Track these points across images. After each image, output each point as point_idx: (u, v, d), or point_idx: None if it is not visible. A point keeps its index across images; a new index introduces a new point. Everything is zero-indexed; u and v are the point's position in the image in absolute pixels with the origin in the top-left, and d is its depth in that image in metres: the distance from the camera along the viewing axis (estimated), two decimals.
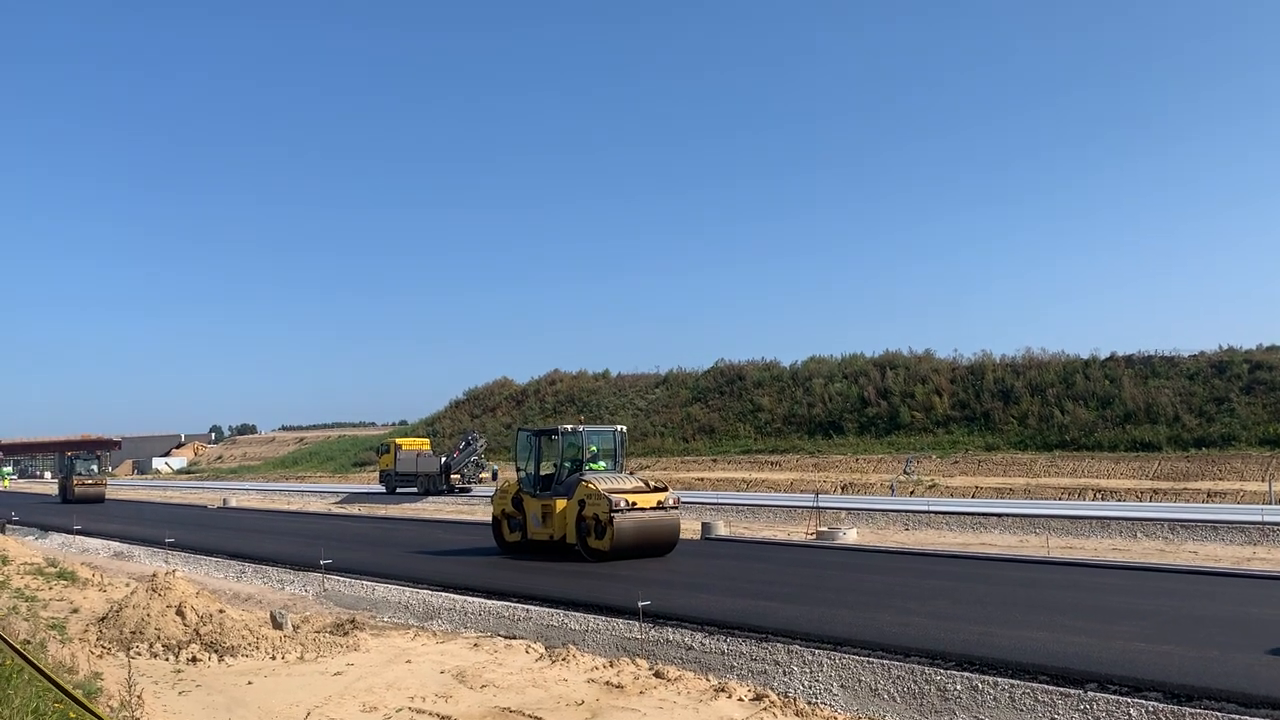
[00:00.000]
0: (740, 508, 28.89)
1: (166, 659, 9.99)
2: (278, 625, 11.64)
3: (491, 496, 20.39)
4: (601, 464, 18.45)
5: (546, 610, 12.77)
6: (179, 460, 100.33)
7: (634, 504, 16.84)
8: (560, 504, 17.59)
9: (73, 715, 6.34)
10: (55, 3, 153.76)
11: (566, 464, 18.35)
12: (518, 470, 19.19)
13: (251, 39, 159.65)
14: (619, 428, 19.44)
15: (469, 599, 13.92)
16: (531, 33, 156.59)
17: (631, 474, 18.80)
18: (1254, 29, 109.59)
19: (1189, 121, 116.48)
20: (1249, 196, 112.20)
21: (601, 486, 16.96)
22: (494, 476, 20.69)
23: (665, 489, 17.84)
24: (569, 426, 18.61)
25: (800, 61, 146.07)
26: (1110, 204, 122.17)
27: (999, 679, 8.24)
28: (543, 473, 18.61)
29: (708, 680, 9.00)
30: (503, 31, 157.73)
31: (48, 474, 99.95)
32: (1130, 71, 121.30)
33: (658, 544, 17.37)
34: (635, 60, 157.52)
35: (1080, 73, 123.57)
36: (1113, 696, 7.58)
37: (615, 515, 16.48)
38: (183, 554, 21.65)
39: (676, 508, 17.77)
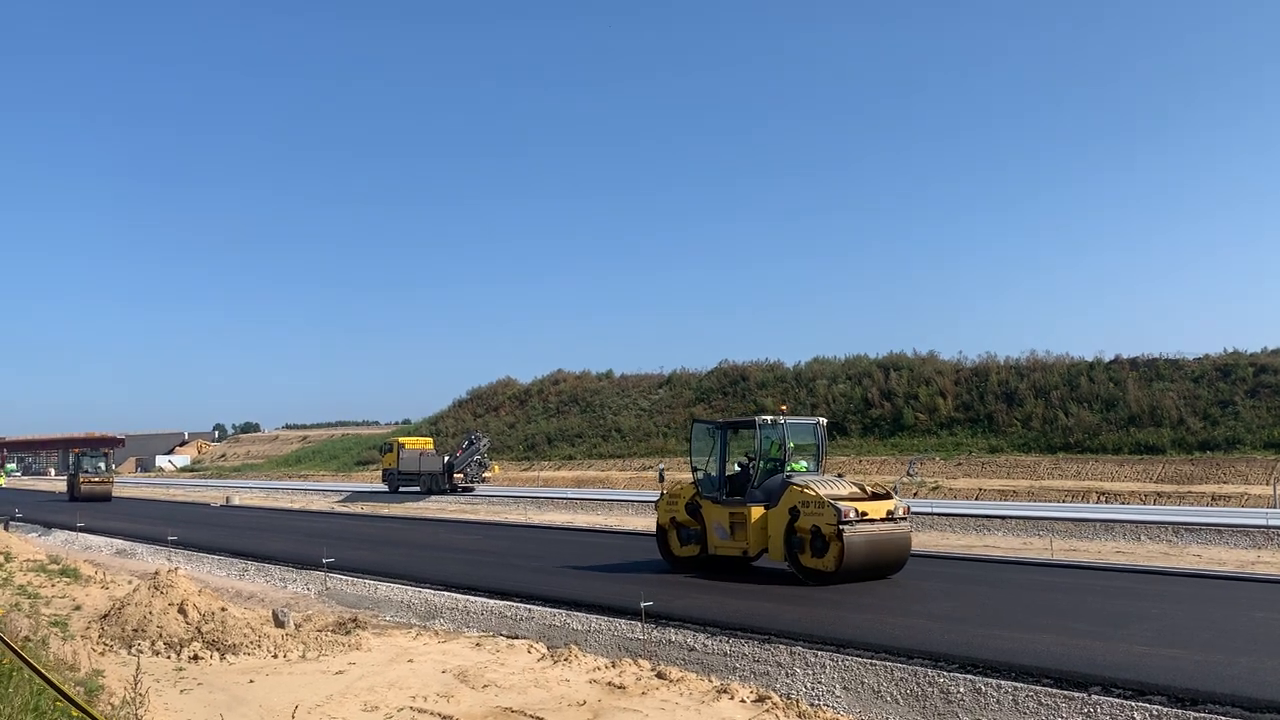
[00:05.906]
0: None
1: (168, 657, 9.99)
2: (280, 624, 11.63)
3: (656, 501, 17.12)
4: (803, 464, 15.55)
5: (549, 610, 12.77)
6: (182, 458, 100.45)
7: (864, 514, 13.68)
8: (756, 512, 14.57)
9: (74, 714, 6.32)
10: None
11: (763, 464, 15.15)
12: (694, 470, 16.15)
13: (252, 30, 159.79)
14: (819, 420, 16.32)
15: (471, 598, 13.93)
16: (536, 27, 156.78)
17: (840, 475, 15.76)
18: (1256, 26, 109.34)
19: (1192, 121, 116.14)
20: (1253, 198, 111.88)
21: (822, 492, 13.93)
22: (660, 478, 18.27)
23: (890, 495, 14.72)
24: (769, 418, 15.34)
25: (805, 60, 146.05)
26: (1114, 205, 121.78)
27: (1002, 681, 8.23)
28: (728, 473, 15.68)
29: (710, 681, 8.98)
30: (508, 23, 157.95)
31: (53, 471, 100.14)
32: (1133, 69, 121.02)
33: (889, 564, 14.24)
34: (645, 54, 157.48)
35: (1080, 72, 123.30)
36: (1117, 700, 7.56)
37: (844, 528, 13.32)
38: (185, 552, 21.69)
39: (907, 518, 14.54)
